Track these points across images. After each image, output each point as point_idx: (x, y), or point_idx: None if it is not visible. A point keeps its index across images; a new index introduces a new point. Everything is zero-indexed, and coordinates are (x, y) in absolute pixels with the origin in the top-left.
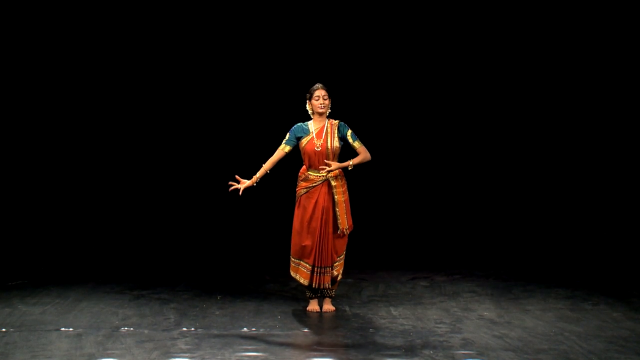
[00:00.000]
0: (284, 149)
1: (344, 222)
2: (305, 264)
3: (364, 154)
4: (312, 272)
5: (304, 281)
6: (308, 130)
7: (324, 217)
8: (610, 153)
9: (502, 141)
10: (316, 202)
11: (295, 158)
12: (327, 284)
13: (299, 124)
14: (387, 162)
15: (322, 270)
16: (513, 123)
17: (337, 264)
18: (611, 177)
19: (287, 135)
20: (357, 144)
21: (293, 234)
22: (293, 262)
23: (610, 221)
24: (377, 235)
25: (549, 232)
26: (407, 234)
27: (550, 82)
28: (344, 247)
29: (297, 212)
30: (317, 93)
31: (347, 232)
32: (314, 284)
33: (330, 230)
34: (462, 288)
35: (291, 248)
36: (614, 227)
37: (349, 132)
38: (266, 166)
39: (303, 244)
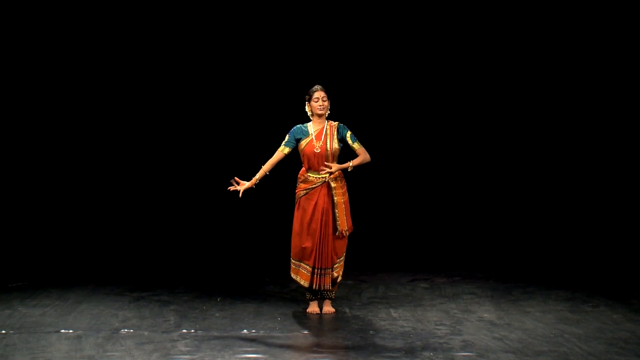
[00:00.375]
0: (283, 150)
1: (344, 223)
2: (305, 266)
3: (363, 156)
4: (312, 273)
5: (304, 283)
6: (307, 131)
7: (323, 218)
8: (609, 154)
9: (501, 143)
10: (316, 203)
11: (294, 160)
12: (328, 286)
13: (298, 125)
14: (386, 163)
15: (322, 271)
16: (512, 125)
17: (337, 265)
18: (611, 178)
19: (287, 137)
20: (356, 146)
21: (293, 235)
22: (293, 263)
23: (610, 223)
24: (377, 236)
25: (549, 234)
26: (407, 236)
27: (549, 83)
28: (344, 249)
29: (297, 214)
30: (316, 95)
31: (346, 233)
32: (314, 286)
33: (330, 231)
34: (462, 290)
35: (291, 250)
36: (614, 228)
37: (349, 134)
38: (265, 168)
39: (303, 246)
